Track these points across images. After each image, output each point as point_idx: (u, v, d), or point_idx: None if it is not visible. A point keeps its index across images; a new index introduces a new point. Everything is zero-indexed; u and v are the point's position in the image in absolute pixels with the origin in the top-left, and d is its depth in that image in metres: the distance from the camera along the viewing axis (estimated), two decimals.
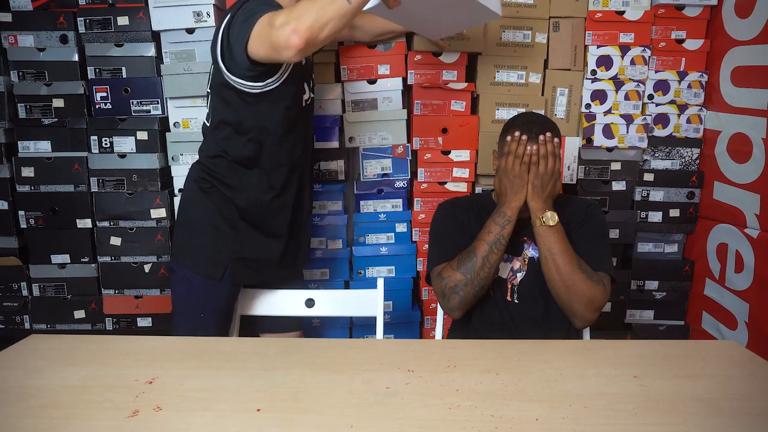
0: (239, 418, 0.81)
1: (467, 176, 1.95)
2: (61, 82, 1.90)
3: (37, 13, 1.89)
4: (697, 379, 0.93)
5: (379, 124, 1.93)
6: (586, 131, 1.96)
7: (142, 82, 1.90)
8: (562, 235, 1.29)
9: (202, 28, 1.85)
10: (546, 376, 0.94)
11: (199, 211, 1.47)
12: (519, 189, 1.32)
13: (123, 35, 1.89)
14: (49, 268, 1.99)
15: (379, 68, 1.90)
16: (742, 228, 1.81)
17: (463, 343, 1.09)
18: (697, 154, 2.00)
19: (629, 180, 2.00)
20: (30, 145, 1.93)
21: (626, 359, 1.01)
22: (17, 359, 0.99)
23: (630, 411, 0.83)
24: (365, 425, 0.79)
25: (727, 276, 1.88)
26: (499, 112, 1.93)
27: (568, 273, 1.26)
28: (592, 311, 1.28)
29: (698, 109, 1.96)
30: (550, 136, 1.29)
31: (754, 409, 0.84)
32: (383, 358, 1.01)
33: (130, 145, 1.92)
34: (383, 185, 1.96)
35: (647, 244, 2.06)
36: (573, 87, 1.94)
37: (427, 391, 0.88)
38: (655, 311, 2.09)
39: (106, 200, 1.93)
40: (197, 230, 1.47)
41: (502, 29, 1.89)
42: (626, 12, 1.89)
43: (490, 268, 1.29)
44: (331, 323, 2.03)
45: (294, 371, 0.95)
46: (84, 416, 0.81)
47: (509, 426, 0.78)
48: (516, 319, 1.37)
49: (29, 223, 1.95)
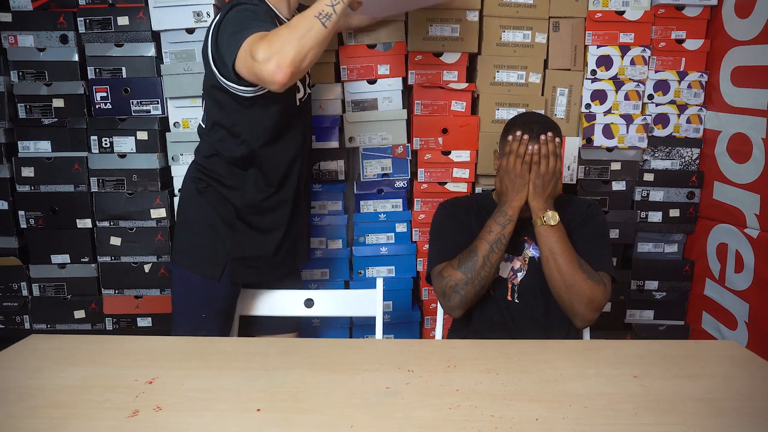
0: (239, 418, 0.81)
1: (467, 176, 1.95)
2: (61, 82, 1.90)
3: (37, 13, 1.89)
4: (697, 379, 0.93)
5: (379, 124, 1.93)
6: (586, 131, 1.96)
7: (142, 82, 1.90)
8: (563, 235, 1.29)
9: (202, 28, 1.85)
10: (546, 376, 0.94)
11: (196, 211, 1.47)
12: (520, 188, 1.32)
13: (123, 35, 1.89)
14: (49, 268, 1.99)
15: (379, 68, 1.90)
16: (742, 228, 1.81)
17: (463, 343, 1.09)
18: (697, 154, 2.00)
19: (629, 180, 2.00)
20: (30, 145, 1.93)
21: (626, 359, 1.01)
22: (17, 359, 0.99)
23: (630, 411, 0.83)
24: (365, 425, 0.79)
25: (727, 276, 1.88)
26: (499, 112, 1.93)
27: (568, 273, 1.26)
28: (593, 311, 1.28)
29: (698, 109, 1.96)
30: (552, 136, 1.29)
31: (754, 409, 0.84)
32: (383, 358, 1.01)
33: (130, 145, 1.92)
34: (383, 185, 1.96)
35: (647, 244, 2.06)
36: (573, 87, 1.94)
37: (427, 391, 0.88)
38: (655, 311, 2.09)
39: (106, 200, 1.93)
40: (195, 230, 1.47)
41: (502, 29, 1.89)
42: (626, 12, 1.89)
43: (490, 267, 1.29)
44: (330, 323, 2.03)
45: (294, 371, 0.95)
46: (84, 416, 0.81)
47: (509, 426, 0.78)
48: (516, 318, 1.37)
49: (29, 223, 1.95)
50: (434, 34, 1.88)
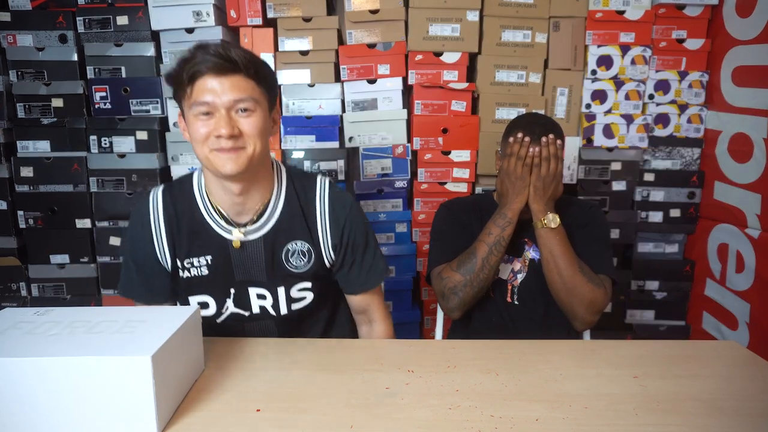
0: (239, 418, 0.81)
1: (467, 176, 1.95)
2: (60, 81, 1.90)
3: (36, 13, 1.88)
4: (698, 380, 0.93)
5: (379, 124, 1.93)
6: (586, 131, 1.96)
7: (142, 81, 1.90)
8: (563, 238, 1.29)
9: (201, 27, 1.85)
10: (546, 376, 0.94)
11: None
12: (520, 190, 1.31)
13: (122, 35, 1.89)
14: (49, 268, 1.98)
15: (379, 68, 1.90)
16: (742, 228, 1.81)
17: (463, 343, 1.09)
18: (698, 154, 1.99)
19: (629, 180, 2.00)
20: (29, 144, 1.93)
21: (626, 359, 1.01)
22: None
23: (630, 411, 0.82)
24: (365, 425, 0.78)
25: (727, 276, 1.88)
26: (500, 112, 1.93)
27: (569, 275, 1.25)
28: (593, 314, 1.28)
29: (699, 109, 1.96)
30: (553, 138, 1.29)
31: (754, 409, 0.83)
32: (383, 358, 1.01)
33: (129, 145, 1.91)
34: (383, 185, 1.96)
35: (648, 244, 2.06)
36: (573, 87, 1.93)
37: (427, 391, 0.88)
38: (655, 311, 2.09)
39: (106, 200, 1.93)
40: None
41: (503, 29, 1.89)
42: (627, 11, 1.89)
43: (489, 269, 1.29)
44: None
45: (294, 371, 0.95)
46: None
47: (509, 426, 0.78)
48: (516, 320, 1.37)
49: (28, 223, 1.95)
50: (434, 33, 1.88)
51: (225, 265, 1.11)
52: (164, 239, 1.09)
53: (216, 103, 0.97)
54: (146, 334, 0.80)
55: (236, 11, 1.86)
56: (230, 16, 1.87)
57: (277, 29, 1.89)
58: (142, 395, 0.73)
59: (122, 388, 0.73)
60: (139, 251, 1.11)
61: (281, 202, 1.11)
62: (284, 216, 1.11)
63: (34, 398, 0.73)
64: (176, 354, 0.82)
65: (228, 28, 1.91)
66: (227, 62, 0.97)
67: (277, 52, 1.90)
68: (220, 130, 0.97)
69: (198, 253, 1.10)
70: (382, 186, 1.96)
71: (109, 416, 0.74)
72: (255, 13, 1.87)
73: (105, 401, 0.73)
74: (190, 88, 0.98)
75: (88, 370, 0.72)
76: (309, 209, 1.12)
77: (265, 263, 1.11)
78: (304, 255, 1.13)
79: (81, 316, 0.87)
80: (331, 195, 1.14)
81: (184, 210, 1.10)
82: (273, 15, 1.87)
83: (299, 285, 1.15)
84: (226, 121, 0.97)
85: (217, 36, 1.86)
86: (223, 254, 1.10)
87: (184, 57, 0.99)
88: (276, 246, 1.11)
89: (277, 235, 1.10)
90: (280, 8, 1.87)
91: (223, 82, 0.97)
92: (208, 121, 0.98)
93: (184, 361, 0.86)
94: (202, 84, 0.97)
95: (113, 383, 0.73)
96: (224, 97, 0.97)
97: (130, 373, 0.73)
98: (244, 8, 1.86)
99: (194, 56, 0.97)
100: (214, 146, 0.99)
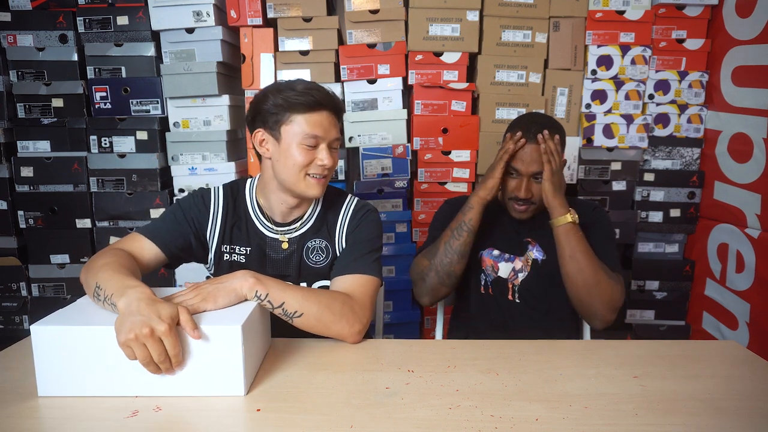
0: (239, 418, 0.81)
1: (467, 176, 1.95)
2: (61, 81, 1.90)
3: (37, 13, 1.88)
4: (697, 379, 0.93)
5: (379, 124, 1.93)
6: (586, 131, 1.96)
7: (142, 81, 1.90)
8: (582, 235, 1.28)
9: (201, 27, 1.85)
10: (546, 376, 0.94)
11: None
12: (487, 180, 1.33)
13: (122, 35, 1.89)
14: (49, 268, 1.98)
15: (379, 68, 1.90)
16: (742, 228, 1.81)
17: (463, 343, 1.09)
18: (698, 154, 2.00)
19: (629, 180, 2.00)
20: (29, 144, 1.93)
21: (626, 359, 1.01)
22: (17, 359, 0.99)
23: (630, 411, 0.82)
24: (365, 425, 0.78)
25: (727, 276, 1.88)
26: (500, 112, 1.93)
27: (591, 272, 1.24)
28: (612, 311, 1.27)
29: (699, 109, 1.96)
30: (549, 134, 1.29)
31: (754, 409, 0.84)
32: (383, 358, 1.01)
33: (129, 144, 1.91)
34: (383, 185, 1.96)
35: (648, 244, 2.06)
36: (573, 87, 1.94)
37: (427, 391, 0.88)
38: (655, 311, 2.09)
39: (106, 200, 1.93)
40: None
41: (503, 29, 1.89)
42: (626, 12, 1.89)
43: (452, 254, 1.30)
44: None
45: (294, 371, 0.95)
46: (84, 416, 0.80)
47: (509, 426, 0.78)
48: (516, 318, 1.37)
49: (28, 223, 1.95)
50: (434, 33, 1.88)
51: (260, 258, 1.22)
52: (219, 220, 1.21)
53: (324, 138, 1.12)
54: (233, 309, 0.93)
55: (236, 11, 1.86)
56: (230, 16, 1.87)
57: (277, 29, 1.89)
58: (233, 358, 0.85)
59: (217, 352, 0.85)
60: (188, 214, 1.19)
61: (317, 210, 1.24)
62: (315, 221, 1.23)
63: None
64: (256, 326, 0.95)
65: (228, 28, 1.91)
66: (335, 104, 1.14)
67: (277, 52, 1.90)
68: (324, 161, 1.11)
69: (240, 242, 1.22)
70: (382, 186, 1.96)
71: (205, 376, 0.86)
72: (255, 13, 1.87)
73: (202, 363, 0.85)
74: (302, 118, 1.10)
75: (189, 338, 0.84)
76: (334, 213, 1.24)
77: (293, 261, 1.23)
78: (322, 251, 1.23)
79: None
80: (357, 203, 1.26)
81: (237, 204, 1.24)
82: (273, 15, 1.87)
83: (319, 282, 1.24)
84: (328, 155, 1.12)
85: (217, 36, 1.86)
86: (260, 249, 1.22)
87: (291, 86, 1.11)
88: (303, 245, 1.23)
89: (305, 237, 1.23)
90: (280, 8, 1.87)
91: (330, 121, 1.13)
92: (311, 151, 1.11)
93: (261, 332, 0.99)
94: (317, 118, 1.11)
95: (210, 348, 0.85)
96: (330, 134, 1.13)
97: (222, 340, 0.85)
98: (245, 8, 1.86)
99: (309, 90, 1.10)
100: (313, 173, 1.13)
